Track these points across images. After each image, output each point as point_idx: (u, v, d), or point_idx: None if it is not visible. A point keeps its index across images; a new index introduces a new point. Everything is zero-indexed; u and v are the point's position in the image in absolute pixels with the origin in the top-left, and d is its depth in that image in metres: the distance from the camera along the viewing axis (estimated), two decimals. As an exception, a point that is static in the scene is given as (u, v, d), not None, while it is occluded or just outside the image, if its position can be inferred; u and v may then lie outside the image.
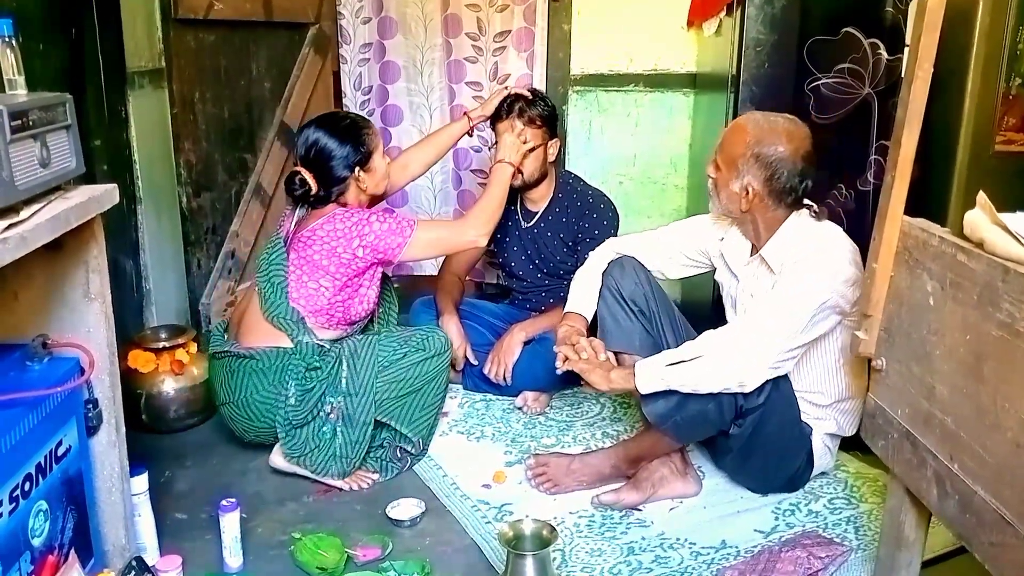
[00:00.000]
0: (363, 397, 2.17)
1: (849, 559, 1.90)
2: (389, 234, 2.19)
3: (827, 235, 1.99)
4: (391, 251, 2.20)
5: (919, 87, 1.40)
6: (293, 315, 2.21)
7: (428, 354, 2.26)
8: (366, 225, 2.18)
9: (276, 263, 2.23)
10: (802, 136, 1.97)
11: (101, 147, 2.43)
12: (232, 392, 2.22)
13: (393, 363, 2.21)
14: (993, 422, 1.25)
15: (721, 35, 2.90)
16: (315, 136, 2.23)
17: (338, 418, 2.17)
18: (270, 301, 2.22)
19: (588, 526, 2.05)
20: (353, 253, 2.17)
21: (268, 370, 2.19)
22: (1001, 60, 2.23)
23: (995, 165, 2.30)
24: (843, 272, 1.92)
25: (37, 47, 2.06)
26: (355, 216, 2.19)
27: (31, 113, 1.32)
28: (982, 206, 1.29)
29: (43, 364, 1.53)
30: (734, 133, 2.01)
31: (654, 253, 2.30)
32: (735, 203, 2.02)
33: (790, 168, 1.94)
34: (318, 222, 2.20)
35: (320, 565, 1.84)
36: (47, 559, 1.47)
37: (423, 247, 2.27)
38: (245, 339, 2.26)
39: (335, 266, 2.18)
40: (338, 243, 2.17)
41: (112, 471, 1.70)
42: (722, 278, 2.25)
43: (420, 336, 2.29)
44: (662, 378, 1.93)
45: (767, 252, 2.03)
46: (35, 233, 1.29)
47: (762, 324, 1.91)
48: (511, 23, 3.25)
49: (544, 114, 2.62)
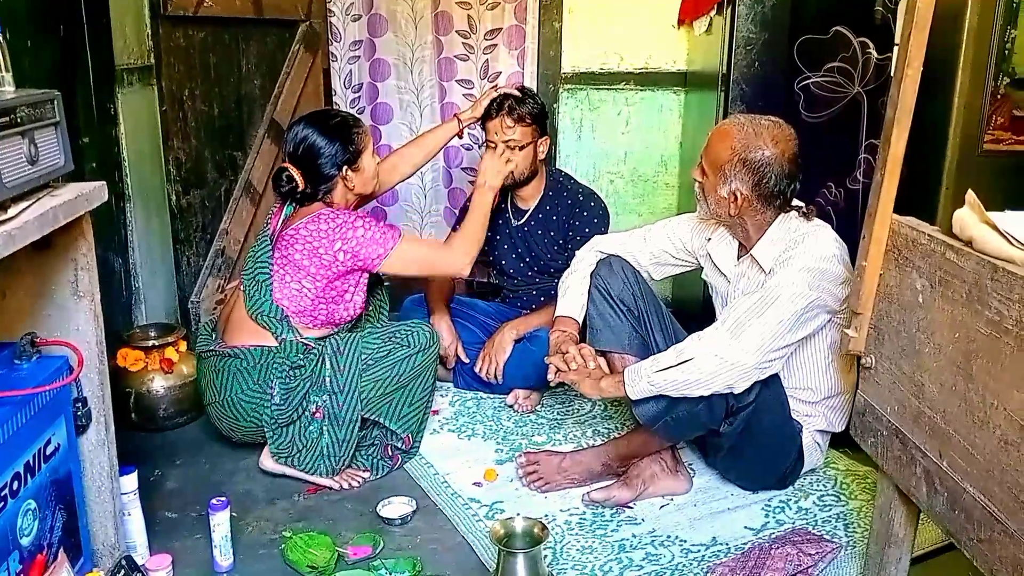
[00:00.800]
0: (348, 395, 2.16)
1: (839, 556, 1.91)
2: (371, 243, 2.17)
3: (816, 234, 2.00)
4: (371, 260, 2.19)
5: (908, 86, 1.41)
6: (277, 313, 2.19)
7: (413, 350, 2.23)
8: (350, 229, 2.16)
9: (262, 260, 2.22)
10: (787, 138, 1.96)
11: (90, 144, 2.41)
12: (218, 392, 2.20)
13: (377, 360, 2.19)
14: (982, 419, 1.25)
15: (712, 33, 2.91)
16: (304, 133, 2.21)
17: (324, 417, 2.16)
18: (254, 299, 2.20)
19: (579, 524, 2.05)
20: (334, 255, 2.16)
21: (252, 369, 2.17)
22: (989, 59, 2.25)
23: (984, 163, 2.32)
24: (832, 271, 1.92)
25: (25, 44, 2.05)
26: (340, 218, 2.18)
27: (19, 110, 1.31)
28: (971, 204, 1.30)
29: (31, 363, 1.52)
30: (720, 138, 2.00)
31: (639, 252, 2.31)
32: (723, 207, 2.01)
33: (777, 172, 1.94)
34: (302, 221, 2.18)
35: (311, 564, 1.84)
36: (36, 558, 1.47)
37: (404, 263, 2.24)
38: (230, 338, 2.25)
39: (315, 267, 2.16)
40: (320, 244, 2.15)
41: (101, 470, 1.69)
42: (711, 278, 2.25)
43: (404, 332, 2.25)
44: (651, 384, 1.93)
45: (758, 252, 2.03)
46: (23, 231, 1.28)
47: (748, 326, 1.89)
48: (502, 21, 3.25)
49: (534, 112, 2.62)
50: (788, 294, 1.89)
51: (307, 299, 2.19)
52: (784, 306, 1.88)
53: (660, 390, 1.92)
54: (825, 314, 1.95)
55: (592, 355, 2.12)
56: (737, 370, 1.87)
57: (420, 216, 3.46)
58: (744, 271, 2.11)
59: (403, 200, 3.44)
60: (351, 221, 2.17)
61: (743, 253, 2.11)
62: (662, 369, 1.91)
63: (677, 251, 2.30)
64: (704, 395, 1.91)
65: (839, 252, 1.95)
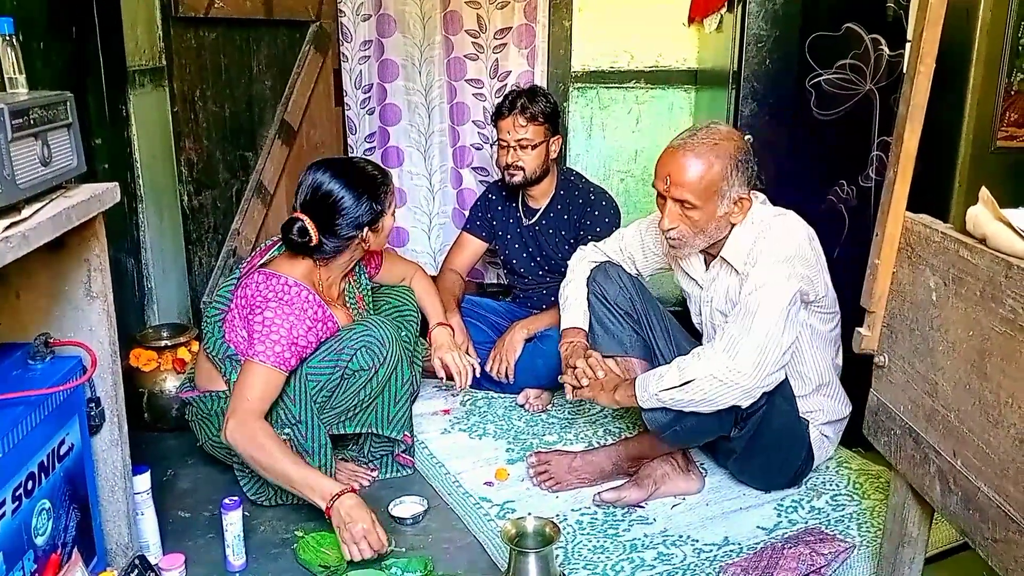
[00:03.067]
0: (309, 425, 2.01)
1: (852, 555, 1.90)
2: (259, 341, 1.91)
3: (781, 221, 1.97)
4: (248, 351, 1.94)
5: (921, 83, 1.40)
6: (226, 351, 2.03)
7: (368, 372, 2.04)
8: (259, 314, 1.93)
9: (221, 295, 2.10)
10: (727, 128, 1.98)
11: (102, 146, 2.43)
12: (198, 436, 2.19)
13: (335, 394, 2.06)
14: (996, 418, 1.25)
15: (722, 31, 2.90)
16: (330, 186, 1.99)
17: (294, 449, 1.98)
18: (207, 335, 2.09)
19: (591, 523, 2.04)
20: (238, 334, 2.01)
21: (211, 416, 2.08)
22: (1002, 56, 2.23)
23: (997, 161, 2.30)
24: (803, 256, 1.91)
25: (38, 46, 2.06)
26: (261, 294, 1.96)
27: (32, 112, 1.32)
28: (985, 202, 1.29)
29: (45, 363, 1.53)
30: (695, 163, 1.89)
31: (621, 258, 2.31)
32: (723, 224, 1.97)
33: (748, 154, 1.93)
34: (250, 276, 2.02)
35: (323, 563, 1.84)
36: (50, 558, 1.48)
37: (262, 384, 1.90)
38: (198, 379, 2.17)
39: (236, 335, 2.02)
40: (237, 314, 2.01)
41: (115, 470, 1.70)
42: (684, 284, 2.23)
43: (347, 355, 2.03)
44: (660, 401, 1.92)
45: (728, 253, 2.00)
46: (37, 232, 1.29)
47: (741, 344, 1.84)
48: (512, 20, 3.24)
49: (546, 111, 2.62)
50: (768, 295, 1.86)
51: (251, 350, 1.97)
52: (769, 309, 1.85)
53: (671, 407, 1.91)
54: (801, 301, 1.94)
55: (600, 362, 2.11)
56: (739, 390, 1.85)
57: (428, 217, 3.46)
58: (715, 275, 2.08)
59: (412, 202, 3.44)
60: (263, 306, 1.94)
61: (711, 259, 2.09)
62: (667, 388, 1.89)
63: (650, 255, 2.29)
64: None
65: (806, 233, 1.95)
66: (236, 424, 1.86)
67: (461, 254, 2.93)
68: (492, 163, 3.30)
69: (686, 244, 2.00)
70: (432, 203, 3.46)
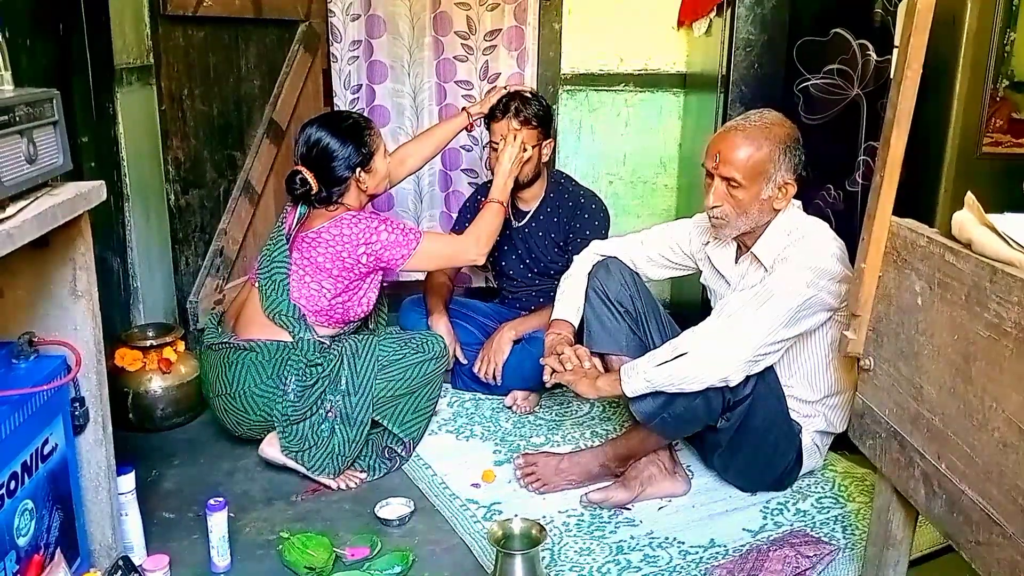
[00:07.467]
0: (362, 397, 2.20)
1: (837, 558, 1.91)
2: (395, 245, 2.23)
3: (815, 232, 2.00)
4: (395, 261, 2.25)
5: (908, 88, 1.41)
6: (294, 312, 2.23)
7: (427, 356, 2.29)
8: (373, 233, 2.21)
9: (278, 260, 2.25)
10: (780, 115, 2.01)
11: (88, 144, 2.41)
12: (229, 384, 2.21)
13: (392, 363, 2.24)
14: (980, 421, 1.25)
15: (711, 35, 2.91)
16: (317, 135, 2.24)
17: (336, 416, 2.18)
18: (271, 298, 2.23)
19: (577, 525, 2.05)
20: (357, 259, 2.21)
21: (267, 363, 2.20)
22: (989, 62, 2.25)
23: (983, 166, 2.32)
24: (830, 269, 1.92)
25: (24, 42, 2.04)
26: (363, 223, 2.22)
27: (17, 109, 1.31)
28: (970, 206, 1.29)
29: (29, 362, 1.52)
30: (744, 144, 1.93)
31: (637, 256, 2.31)
32: (766, 209, 1.99)
33: (796, 141, 1.96)
34: (324, 224, 2.22)
35: (308, 565, 1.84)
36: (33, 558, 1.46)
37: (426, 260, 2.32)
38: (243, 333, 2.28)
39: (338, 269, 2.21)
40: (343, 248, 2.20)
41: (99, 470, 1.69)
42: (710, 281, 2.25)
43: (420, 339, 2.33)
44: (647, 380, 1.93)
45: (759, 249, 2.03)
46: (21, 230, 1.28)
47: (740, 318, 1.91)
48: (502, 21, 3.25)
49: (539, 114, 2.62)
50: (784, 291, 1.90)
51: (325, 299, 2.24)
52: (779, 303, 1.89)
53: (656, 386, 1.93)
54: (824, 312, 1.96)
55: (587, 355, 2.12)
56: (732, 362, 1.88)
57: (416, 221, 3.44)
58: (744, 271, 2.11)
59: (399, 205, 3.43)
60: (374, 227, 2.22)
61: (742, 253, 2.11)
62: (658, 364, 1.92)
63: (674, 256, 2.30)
64: (699, 390, 1.91)
65: (838, 250, 1.96)
66: (469, 244, 2.37)
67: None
68: (482, 165, 3.30)
69: (728, 224, 2.02)
70: (420, 206, 3.45)
